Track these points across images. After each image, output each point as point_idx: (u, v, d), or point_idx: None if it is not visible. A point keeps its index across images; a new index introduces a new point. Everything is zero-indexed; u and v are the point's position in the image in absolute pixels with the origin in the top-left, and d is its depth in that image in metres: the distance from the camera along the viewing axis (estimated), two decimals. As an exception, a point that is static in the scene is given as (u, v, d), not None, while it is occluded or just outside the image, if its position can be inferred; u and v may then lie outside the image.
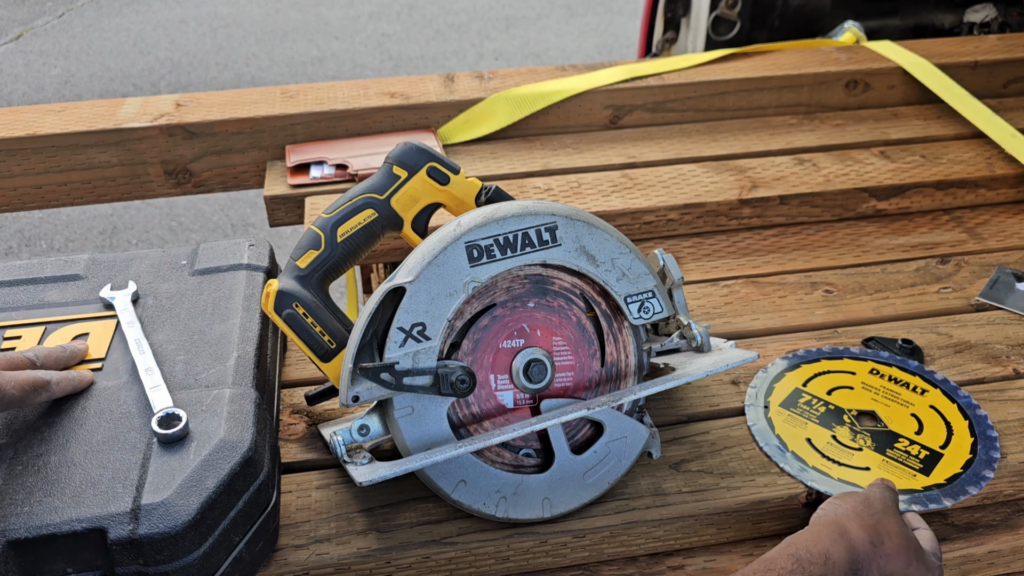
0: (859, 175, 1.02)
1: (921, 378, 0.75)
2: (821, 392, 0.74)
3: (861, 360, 0.77)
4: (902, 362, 0.76)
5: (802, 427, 0.70)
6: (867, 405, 0.72)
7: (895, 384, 0.74)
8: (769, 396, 0.73)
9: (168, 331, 0.67)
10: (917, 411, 0.72)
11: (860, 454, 0.68)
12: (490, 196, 0.69)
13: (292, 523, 0.62)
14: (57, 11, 4.42)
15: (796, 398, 0.73)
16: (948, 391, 0.73)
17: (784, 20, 1.63)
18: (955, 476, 0.66)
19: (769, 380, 0.75)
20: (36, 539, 0.50)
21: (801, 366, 0.76)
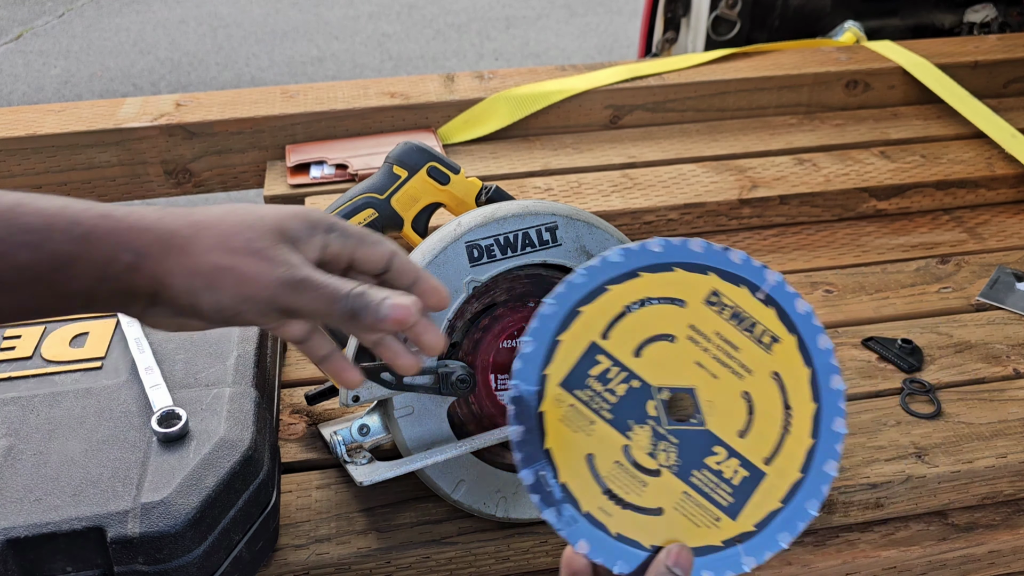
0: (859, 175, 1.02)
1: (777, 312, 0.50)
2: (627, 349, 0.49)
3: (700, 272, 0.50)
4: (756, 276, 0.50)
5: (585, 430, 0.47)
6: (686, 376, 0.49)
7: (737, 327, 0.50)
8: (548, 366, 0.48)
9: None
10: (753, 384, 0.50)
11: (655, 484, 0.48)
12: (490, 196, 0.69)
13: (292, 523, 0.62)
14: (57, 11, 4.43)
15: (587, 367, 0.48)
16: (807, 341, 0.50)
17: (784, 20, 1.63)
18: (769, 517, 0.48)
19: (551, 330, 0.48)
20: (36, 538, 0.50)
21: (608, 290, 0.49)
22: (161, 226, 0.42)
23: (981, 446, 0.68)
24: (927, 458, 0.67)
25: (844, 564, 0.63)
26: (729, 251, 0.50)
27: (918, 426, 0.71)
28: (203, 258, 0.42)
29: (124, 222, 0.42)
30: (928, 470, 0.66)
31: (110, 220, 0.41)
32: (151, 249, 0.41)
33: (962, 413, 0.72)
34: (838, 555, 0.64)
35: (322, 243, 0.46)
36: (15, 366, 0.64)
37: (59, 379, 0.62)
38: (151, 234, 0.42)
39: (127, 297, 0.42)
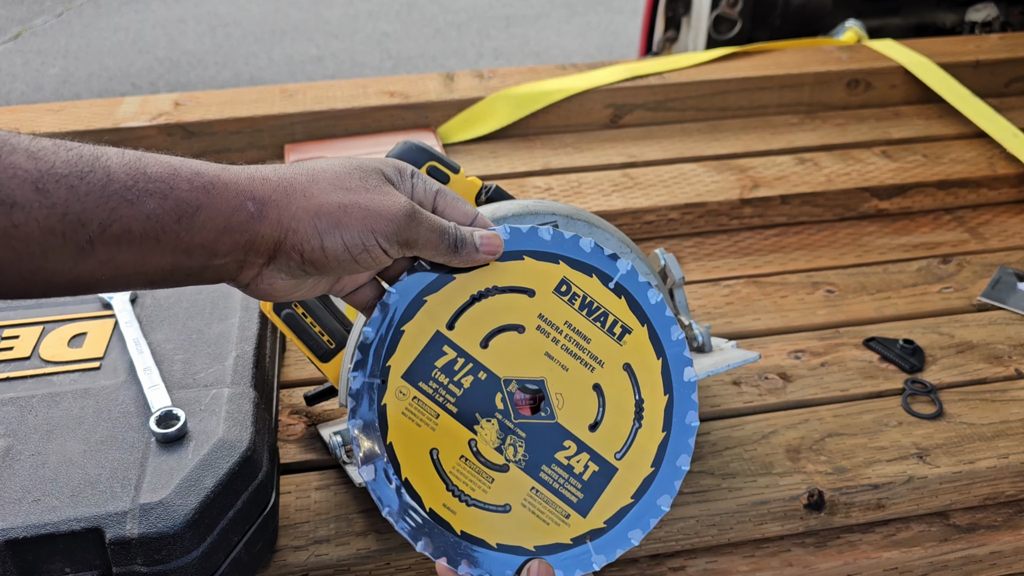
0: (861, 175, 1.02)
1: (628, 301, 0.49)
2: (474, 339, 0.47)
3: (550, 261, 0.49)
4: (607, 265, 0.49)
5: (430, 424, 0.46)
6: (536, 368, 0.48)
7: (587, 317, 0.49)
8: (391, 355, 0.46)
9: (166, 330, 0.66)
10: (604, 377, 0.48)
11: (502, 479, 0.46)
12: (490, 195, 0.69)
13: (291, 524, 0.62)
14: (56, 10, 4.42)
15: (432, 357, 0.47)
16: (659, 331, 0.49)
17: (785, 19, 1.63)
18: (620, 513, 0.47)
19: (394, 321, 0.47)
20: (34, 538, 0.50)
21: (455, 277, 0.48)
22: (278, 175, 0.43)
23: (983, 447, 0.68)
24: (929, 459, 0.67)
25: (845, 565, 0.63)
26: (579, 239, 0.49)
27: (919, 427, 0.71)
28: (326, 198, 0.43)
29: (243, 173, 0.42)
30: (930, 471, 0.66)
31: (229, 172, 0.42)
32: (273, 196, 0.42)
33: (964, 414, 0.72)
34: (839, 556, 0.64)
35: (411, 186, 0.48)
36: (13, 366, 0.63)
37: (57, 379, 0.62)
38: (271, 183, 0.42)
39: (248, 250, 0.42)
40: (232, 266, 0.43)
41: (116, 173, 0.39)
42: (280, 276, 0.44)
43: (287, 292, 0.46)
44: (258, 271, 0.43)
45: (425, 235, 0.45)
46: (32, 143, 0.38)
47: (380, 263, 0.45)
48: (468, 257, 0.47)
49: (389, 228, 0.44)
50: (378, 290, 0.49)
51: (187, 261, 0.41)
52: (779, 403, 0.73)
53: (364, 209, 0.43)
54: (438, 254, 0.46)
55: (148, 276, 0.41)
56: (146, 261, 0.40)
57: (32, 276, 0.38)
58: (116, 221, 0.38)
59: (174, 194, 0.40)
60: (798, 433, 0.70)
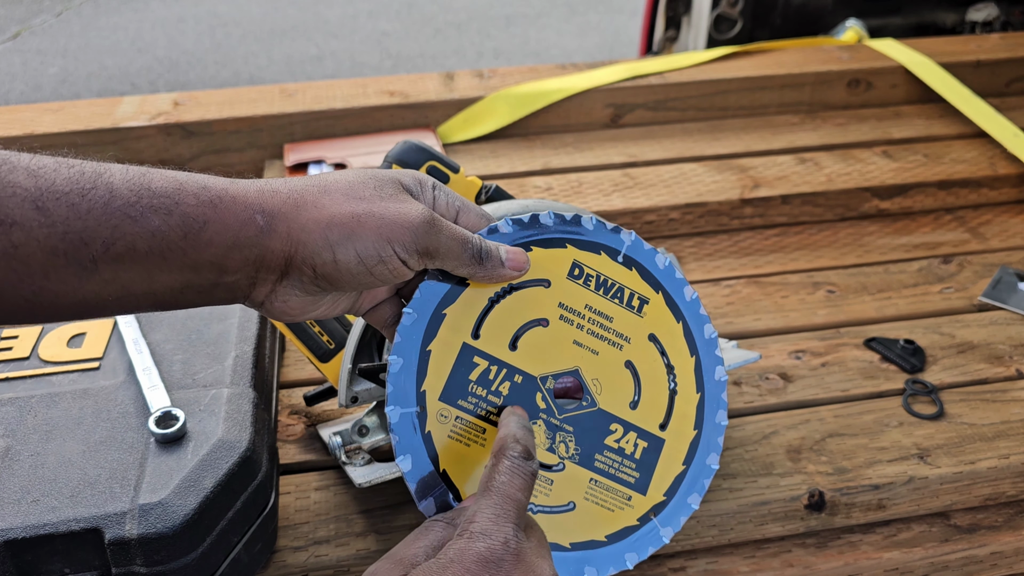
0: (861, 174, 1.02)
1: (639, 272, 0.49)
2: (502, 344, 0.46)
3: (557, 247, 0.48)
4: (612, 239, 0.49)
5: (478, 440, 0.45)
6: (567, 359, 0.47)
7: (604, 295, 0.48)
8: (423, 380, 0.44)
9: (165, 331, 0.66)
10: (633, 352, 0.48)
11: (561, 479, 0.46)
12: (490, 195, 0.68)
13: (291, 524, 0.62)
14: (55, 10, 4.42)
15: (465, 372, 0.45)
16: (673, 295, 0.50)
17: (786, 18, 1.63)
18: (676, 482, 0.48)
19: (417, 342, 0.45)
20: (33, 539, 0.50)
21: (468, 283, 0.46)
22: (288, 188, 0.41)
23: (983, 447, 0.68)
24: (929, 459, 0.67)
25: (846, 565, 0.63)
26: (580, 218, 0.49)
27: (920, 427, 0.70)
28: (338, 208, 0.40)
29: (252, 187, 0.40)
30: (930, 471, 0.66)
31: (237, 186, 0.40)
32: (283, 208, 0.40)
33: (964, 414, 0.72)
34: (840, 556, 0.63)
35: (432, 197, 0.46)
36: (12, 366, 0.63)
37: (56, 380, 0.62)
38: (280, 195, 0.40)
39: (259, 266, 0.40)
40: (243, 283, 0.41)
41: (119, 189, 0.37)
42: (295, 293, 0.42)
43: (303, 310, 0.44)
44: (271, 288, 0.42)
45: (446, 244, 0.43)
46: (33, 161, 0.37)
47: (399, 275, 0.43)
48: (493, 271, 0.45)
49: (407, 237, 0.41)
50: (398, 307, 0.47)
51: (196, 279, 0.40)
52: (780, 403, 0.73)
53: (379, 218, 0.41)
54: (461, 265, 0.44)
55: (157, 296, 0.40)
56: (153, 280, 0.39)
57: (35, 298, 0.37)
58: (120, 239, 0.37)
59: (179, 209, 0.38)
60: (799, 433, 0.70)
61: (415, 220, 0.42)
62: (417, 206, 0.43)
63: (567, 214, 0.49)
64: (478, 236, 0.45)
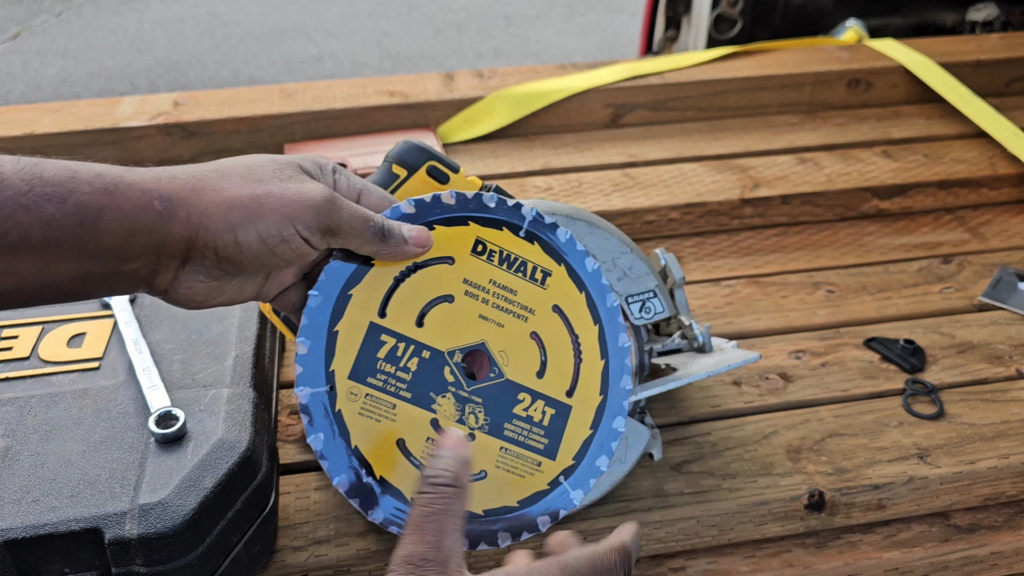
0: (861, 174, 1.02)
1: (541, 245, 0.51)
2: (408, 320, 0.47)
3: (460, 224, 0.49)
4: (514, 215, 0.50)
5: (388, 416, 0.46)
6: (473, 332, 0.48)
7: (508, 270, 0.50)
8: (332, 362, 0.45)
9: (165, 331, 0.66)
10: (538, 323, 0.50)
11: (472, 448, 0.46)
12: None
13: (291, 524, 0.62)
14: (55, 10, 4.42)
15: (373, 350, 0.46)
16: (575, 266, 0.51)
17: (786, 18, 1.63)
18: (584, 446, 0.49)
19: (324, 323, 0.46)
20: (33, 539, 0.50)
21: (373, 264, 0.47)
22: (186, 173, 0.41)
23: (984, 447, 0.68)
24: (929, 459, 0.67)
25: (846, 565, 0.63)
26: (482, 196, 0.50)
27: (920, 427, 0.70)
28: (237, 191, 0.41)
29: (149, 173, 0.40)
30: (930, 471, 0.66)
31: (134, 173, 0.40)
32: (182, 193, 0.40)
33: (964, 414, 0.72)
34: (840, 556, 0.63)
35: (332, 180, 0.47)
36: (12, 366, 0.63)
37: (56, 379, 0.62)
38: (178, 181, 0.40)
39: (160, 252, 0.40)
40: (145, 270, 0.41)
41: (10, 179, 0.37)
42: (199, 279, 0.42)
43: (209, 296, 0.44)
44: (174, 275, 0.42)
45: (348, 222, 0.44)
46: None
47: (303, 255, 0.44)
48: (397, 248, 0.46)
49: (308, 215, 0.42)
50: (305, 291, 0.47)
51: (95, 267, 0.39)
52: (780, 403, 0.73)
53: (279, 198, 0.42)
54: (364, 243, 0.45)
55: (56, 286, 0.39)
56: (51, 269, 0.38)
57: None
58: (13, 228, 0.37)
59: (73, 197, 0.38)
60: (799, 433, 0.70)
61: (316, 199, 0.43)
62: (317, 186, 0.43)
63: (468, 193, 0.50)
64: (380, 215, 0.46)
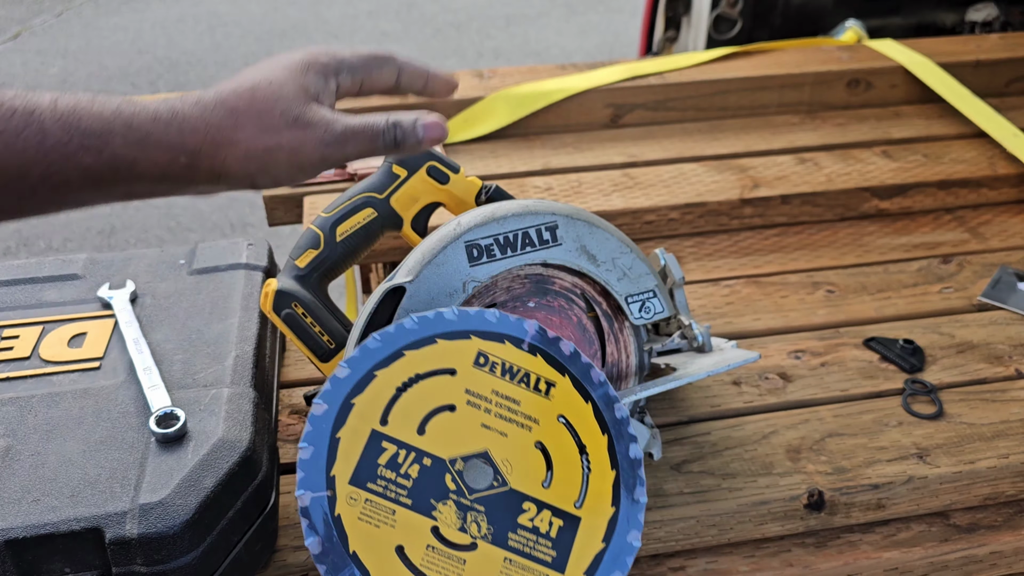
0: (861, 174, 1.02)
1: (544, 357, 0.51)
2: (410, 428, 0.47)
3: (462, 338, 0.50)
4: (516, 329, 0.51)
5: (388, 522, 0.45)
6: (476, 441, 0.48)
7: (511, 381, 0.50)
8: (332, 466, 0.46)
9: (166, 330, 0.66)
10: (543, 433, 0.49)
11: (473, 558, 0.46)
12: (490, 195, 0.69)
13: (291, 524, 0.62)
14: (55, 10, 4.42)
15: (374, 456, 0.46)
16: (580, 378, 0.51)
17: (785, 19, 1.63)
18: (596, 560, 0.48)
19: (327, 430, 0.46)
20: (34, 539, 0.50)
21: (376, 375, 0.48)
22: (206, 125, 0.45)
23: (983, 447, 0.68)
24: (929, 459, 0.67)
25: (845, 565, 0.63)
26: (484, 313, 0.51)
27: (920, 427, 0.70)
28: (251, 144, 0.46)
29: (173, 125, 0.44)
30: (930, 471, 0.66)
31: (160, 123, 0.44)
32: (203, 147, 0.45)
33: (964, 414, 0.72)
34: (839, 556, 0.64)
35: (335, 85, 0.50)
36: (13, 366, 0.63)
37: (57, 379, 0.62)
38: (200, 134, 0.45)
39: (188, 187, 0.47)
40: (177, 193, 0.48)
41: (51, 129, 0.41)
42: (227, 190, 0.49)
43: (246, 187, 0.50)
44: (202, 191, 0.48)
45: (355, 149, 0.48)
46: None
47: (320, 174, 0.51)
48: (412, 149, 0.50)
49: (312, 161, 0.48)
50: None
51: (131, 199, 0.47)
52: (779, 403, 0.73)
53: (287, 150, 0.46)
54: (377, 153, 0.49)
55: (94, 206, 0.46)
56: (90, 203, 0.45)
57: None
58: (55, 173, 0.42)
59: (108, 149, 0.42)
60: (798, 433, 0.70)
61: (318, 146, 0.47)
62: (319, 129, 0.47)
63: (470, 309, 0.50)
64: (388, 121, 0.49)
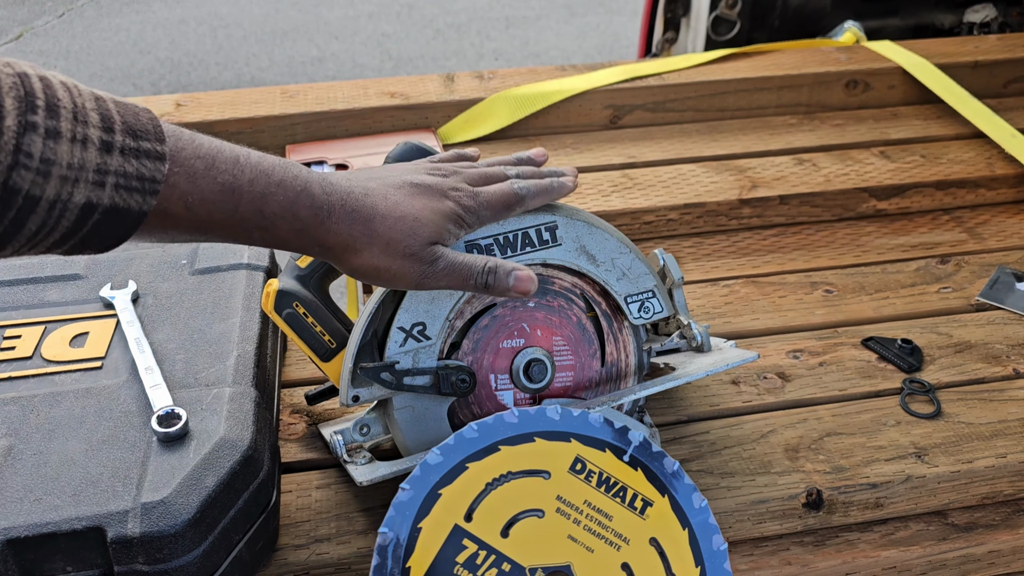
0: (859, 175, 1.02)
1: (645, 473, 0.49)
2: (493, 530, 0.46)
3: (561, 440, 0.49)
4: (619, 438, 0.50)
5: None
6: (560, 553, 0.46)
7: (606, 494, 0.48)
8: (409, 555, 0.45)
9: (168, 330, 0.67)
10: (632, 555, 0.47)
11: None
12: (490, 196, 0.69)
13: (292, 523, 0.62)
14: (57, 11, 4.42)
15: (452, 553, 0.45)
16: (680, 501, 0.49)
17: (784, 20, 1.64)
18: None
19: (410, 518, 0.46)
20: (36, 537, 0.50)
21: (467, 467, 0.47)
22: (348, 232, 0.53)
23: (981, 446, 0.68)
24: (927, 458, 0.67)
25: (844, 564, 0.63)
26: (587, 415, 0.49)
27: (918, 426, 0.71)
28: (370, 260, 0.53)
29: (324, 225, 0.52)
30: (928, 470, 0.66)
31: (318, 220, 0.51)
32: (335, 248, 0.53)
33: (962, 413, 0.72)
34: (838, 555, 0.64)
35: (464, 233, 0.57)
36: (15, 366, 0.64)
37: (59, 379, 0.62)
38: (339, 238, 0.52)
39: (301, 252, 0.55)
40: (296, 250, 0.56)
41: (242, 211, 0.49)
42: None
43: None
44: None
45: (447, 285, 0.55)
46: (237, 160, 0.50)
47: None
48: (500, 294, 0.56)
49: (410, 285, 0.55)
50: None
51: None
52: (778, 402, 0.74)
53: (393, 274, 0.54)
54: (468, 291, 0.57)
55: None
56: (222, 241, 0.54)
57: None
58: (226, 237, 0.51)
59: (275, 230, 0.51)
60: (796, 432, 0.70)
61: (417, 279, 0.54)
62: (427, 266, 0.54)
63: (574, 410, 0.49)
64: (490, 267, 0.55)
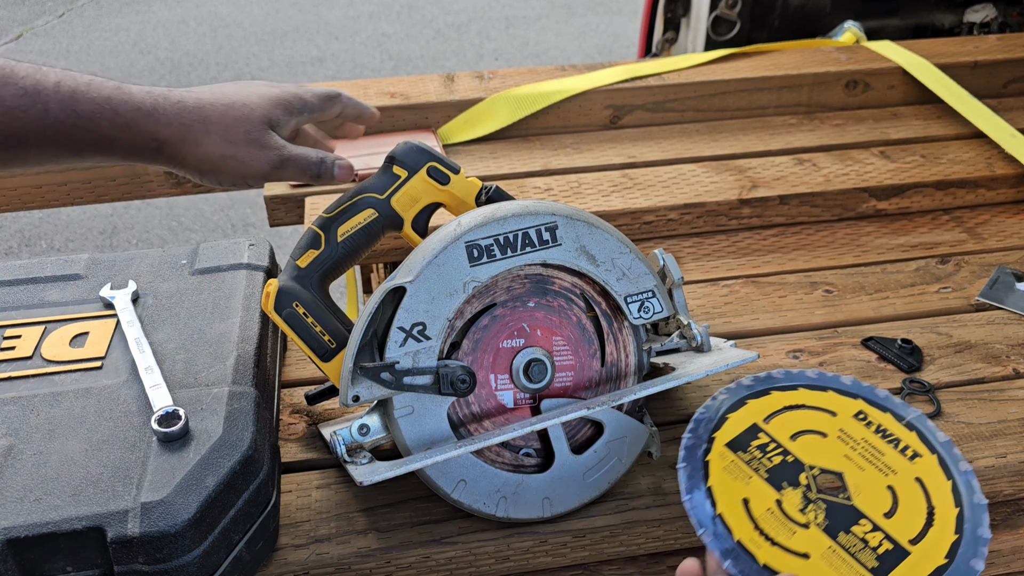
0: (859, 175, 1.02)
1: (919, 435, 0.59)
2: (784, 434, 0.58)
3: (850, 397, 0.61)
4: (901, 408, 0.60)
5: (744, 481, 0.55)
6: (836, 463, 0.57)
7: (882, 438, 0.58)
8: (717, 430, 0.58)
9: (168, 330, 0.67)
10: (897, 483, 0.56)
11: (804, 533, 0.53)
12: (490, 196, 0.69)
13: (292, 523, 0.62)
14: (57, 11, 4.42)
15: (749, 438, 0.58)
16: (947, 461, 0.58)
17: (784, 20, 1.64)
18: None
19: (723, 407, 0.60)
20: (36, 537, 0.51)
21: (771, 392, 0.61)
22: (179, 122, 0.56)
23: (981, 446, 0.68)
24: (927, 458, 0.67)
25: (844, 564, 0.63)
26: (875, 389, 0.61)
27: (918, 426, 0.71)
28: (211, 149, 0.57)
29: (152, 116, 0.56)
30: (928, 470, 0.66)
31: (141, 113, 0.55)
32: (171, 140, 0.56)
33: (962, 413, 0.72)
34: (838, 555, 0.64)
35: (296, 122, 0.64)
36: (15, 366, 0.64)
37: (59, 379, 0.62)
38: (172, 129, 0.56)
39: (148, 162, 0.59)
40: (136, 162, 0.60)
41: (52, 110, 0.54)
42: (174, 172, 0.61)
43: None
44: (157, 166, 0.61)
45: (289, 174, 0.62)
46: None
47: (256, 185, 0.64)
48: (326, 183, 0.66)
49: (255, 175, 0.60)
50: None
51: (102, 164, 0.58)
52: (778, 402, 0.73)
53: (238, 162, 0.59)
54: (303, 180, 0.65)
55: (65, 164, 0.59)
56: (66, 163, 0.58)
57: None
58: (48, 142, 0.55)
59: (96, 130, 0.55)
60: (796, 432, 0.70)
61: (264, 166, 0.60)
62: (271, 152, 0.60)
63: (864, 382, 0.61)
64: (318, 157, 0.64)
